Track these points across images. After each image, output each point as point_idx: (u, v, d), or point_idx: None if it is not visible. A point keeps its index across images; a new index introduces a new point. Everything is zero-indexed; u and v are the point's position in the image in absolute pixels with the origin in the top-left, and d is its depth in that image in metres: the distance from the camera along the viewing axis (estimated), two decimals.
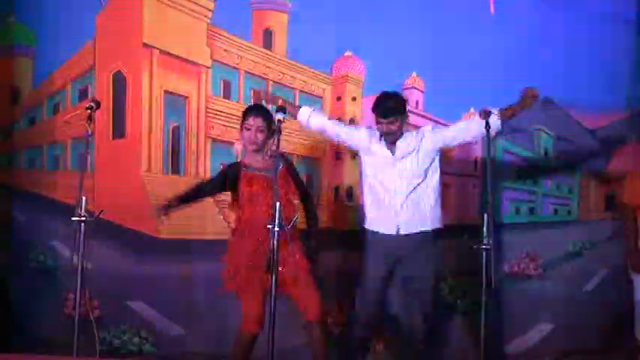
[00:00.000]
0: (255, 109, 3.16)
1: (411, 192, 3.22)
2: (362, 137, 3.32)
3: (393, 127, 3.18)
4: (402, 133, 3.25)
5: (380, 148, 3.27)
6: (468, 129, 3.22)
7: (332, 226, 3.89)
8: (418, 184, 3.23)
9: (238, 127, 3.22)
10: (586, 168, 4.08)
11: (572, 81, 3.89)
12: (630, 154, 3.99)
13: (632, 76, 3.97)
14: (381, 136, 3.26)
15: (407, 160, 3.23)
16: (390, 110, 3.16)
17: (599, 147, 4.05)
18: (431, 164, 3.26)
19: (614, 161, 4.04)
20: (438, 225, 3.31)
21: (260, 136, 3.08)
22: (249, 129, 3.08)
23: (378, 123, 3.22)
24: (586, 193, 4.07)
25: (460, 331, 3.81)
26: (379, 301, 3.36)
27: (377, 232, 3.30)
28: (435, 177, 3.28)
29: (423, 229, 3.25)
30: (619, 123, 4.02)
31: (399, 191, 3.23)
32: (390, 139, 3.23)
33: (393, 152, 3.24)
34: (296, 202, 3.14)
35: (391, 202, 3.24)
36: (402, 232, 3.24)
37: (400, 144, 3.24)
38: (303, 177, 3.78)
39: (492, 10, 3.90)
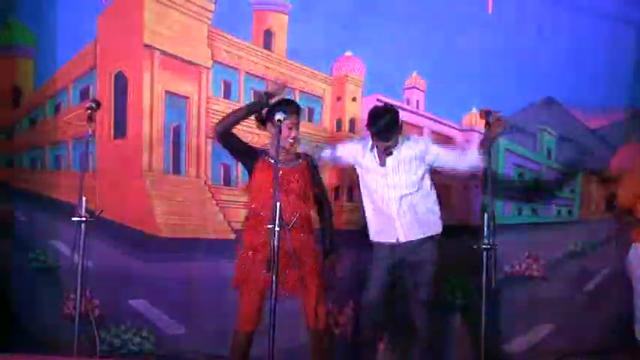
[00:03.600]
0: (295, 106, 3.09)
1: (405, 200, 3.19)
2: (352, 152, 3.31)
3: (389, 143, 3.15)
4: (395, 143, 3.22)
5: (371, 158, 3.25)
6: (463, 157, 3.21)
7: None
8: (410, 193, 3.20)
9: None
10: (587, 168, 4.07)
11: (574, 81, 3.89)
12: (631, 153, 3.98)
13: (634, 76, 3.96)
14: (372, 146, 3.22)
15: (398, 169, 3.20)
16: (386, 134, 3.10)
17: (601, 147, 4.04)
18: (422, 174, 3.23)
19: (615, 161, 4.03)
20: (438, 230, 3.27)
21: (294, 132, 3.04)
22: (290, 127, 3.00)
23: (372, 139, 3.18)
24: (587, 193, 4.06)
25: (460, 331, 3.80)
26: (381, 305, 3.29)
27: (380, 243, 3.28)
28: (426, 183, 3.25)
29: (422, 235, 3.23)
30: (620, 123, 4.01)
31: (393, 199, 3.20)
32: (387, 153, 3.20)
33: (383, 163, 3.22)
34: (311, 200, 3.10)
35: (388, 211, 3.22)
36: (402, 239, 3.22)
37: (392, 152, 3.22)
38: None
39: (490, 9, 3.89)
